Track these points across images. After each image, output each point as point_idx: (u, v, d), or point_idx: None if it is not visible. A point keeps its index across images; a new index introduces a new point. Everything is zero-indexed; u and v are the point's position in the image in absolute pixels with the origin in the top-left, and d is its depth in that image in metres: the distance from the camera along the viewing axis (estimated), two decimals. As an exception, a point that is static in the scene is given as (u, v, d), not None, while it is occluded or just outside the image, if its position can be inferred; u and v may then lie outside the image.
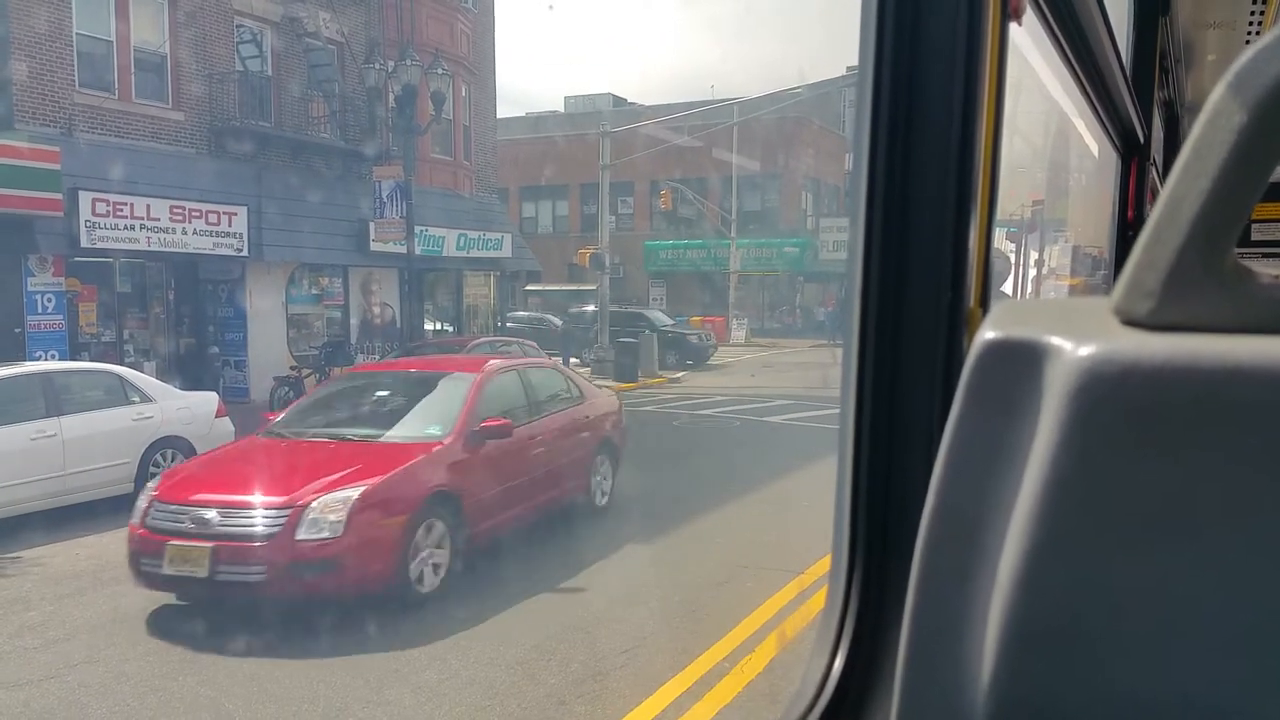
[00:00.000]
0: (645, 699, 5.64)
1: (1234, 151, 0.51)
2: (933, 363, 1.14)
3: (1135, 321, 0.56)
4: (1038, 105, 3.00)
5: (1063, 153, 4.75)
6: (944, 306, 1.13)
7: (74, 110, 16.65)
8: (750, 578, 7.91)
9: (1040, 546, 0.55)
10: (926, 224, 1.13)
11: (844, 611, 1.14)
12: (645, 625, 6.88)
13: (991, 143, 1.16)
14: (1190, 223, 0.53)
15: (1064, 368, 0.54)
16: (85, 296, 17.13)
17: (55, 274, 16.15)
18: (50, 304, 16.09)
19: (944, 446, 0.60)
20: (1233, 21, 3.73)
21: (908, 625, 0.62)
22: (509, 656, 6.30)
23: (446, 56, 21.81)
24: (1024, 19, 1.27)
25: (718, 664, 6.10)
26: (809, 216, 41.45)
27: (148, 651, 6.59)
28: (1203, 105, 0.52)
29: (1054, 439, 0.54)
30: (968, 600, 0.59)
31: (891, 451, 1.15)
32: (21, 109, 15.80)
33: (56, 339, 16.08)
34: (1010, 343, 0.58)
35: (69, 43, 16.60)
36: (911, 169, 1.13)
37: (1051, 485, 0.54)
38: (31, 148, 15.00)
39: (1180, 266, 0.54)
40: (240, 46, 19.81)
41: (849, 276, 1.19)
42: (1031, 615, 0.56)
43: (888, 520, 1.14)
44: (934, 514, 0.60)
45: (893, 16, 1.11)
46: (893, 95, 1.12)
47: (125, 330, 18.11)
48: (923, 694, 0.62)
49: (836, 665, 1.11)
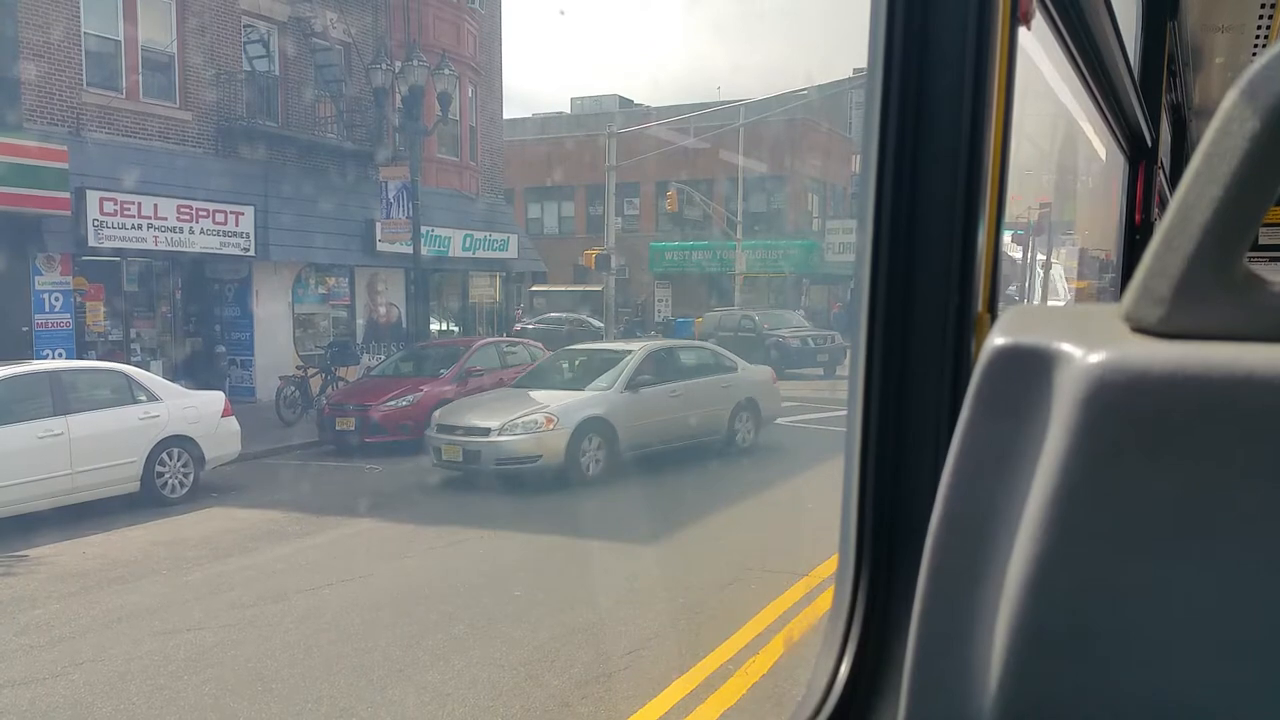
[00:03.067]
0: (649, 701, 5.64)
1: (1246, 159, 0.50)
2: (940, 367, 1.14)
3: (1145, 329, 0.56)
4: (1046, 109, 3.00)
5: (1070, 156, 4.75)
6: (952, 311, 1.13)
7: (82, 110, 16.71)
8: (756, 579, 7.90)
9: (1049, 552, 0.55)
10: (935, 228, 1.13)
11: (851, 614, 1.14)
12: (650, 626, 6.88)
13: (1000, 146, 1.16)
14: (1202, 230, 0.52)
15: (1074, 374, 0.54)
16: (92, 295, 17.18)
17: (63, 273, 16.20)
18: (58, 303, 16.14)
19: (953, 451, 0.60)
20: (1241, 25, 3.72)
21: (915, 629, 0.62)
22: (513, 657, 6.30)
23: (453, 57, 21.83)
24: (1033, 23, 1.27)
25: (722, 666, 6.09)
26: (815, 218, 41.40)
27: (153, 650, 6.60)
28: (1211, 109, 0.52)
29: (1063, 445, 0.54)
30: (976, 604, 0.60)
31: (899, 455, 1.15)
32: (30, 108, 15.85)
33: (64, 338, 16.13)
34: (1020, 349, 0.58)
35: (77, 42, 16.65)
36: (920, 172, 1.13)
37: (1060, 491, 0.54)
38: (40, 147, 15.06)
39: (1191, 274, 0.54)
40: (248, 46, 19.85)
41: (857, 280, 1.19)
42: (1039, 620, 0.56)
43: (895, 523, 1.14)
44: (942, 518, 0.61)
45: (901, 19, 1.11)
46: (901, 98, 1.12)
47: (132, 329, 18.15)
48: (930, 698, 0.62)
49: (843, 669, 1.11)
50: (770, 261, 38.64)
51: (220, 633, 6.95)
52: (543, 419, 11.88)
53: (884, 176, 1.13)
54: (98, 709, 5.72)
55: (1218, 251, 0.53)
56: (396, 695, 5.83)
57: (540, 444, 11.72)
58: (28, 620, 7.20)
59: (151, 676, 6.17)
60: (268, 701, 5.77)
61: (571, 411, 12.09)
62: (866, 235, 1.15)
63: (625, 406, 12.61)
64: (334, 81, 20.97)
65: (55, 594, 7.81)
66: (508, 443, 11.70)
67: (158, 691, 5.95)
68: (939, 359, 1.14)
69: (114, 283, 17.73)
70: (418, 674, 6.09)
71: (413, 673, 6.11)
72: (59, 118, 16.34)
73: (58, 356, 15.09)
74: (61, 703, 5.80)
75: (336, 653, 6.52)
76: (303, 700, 5.79)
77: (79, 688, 5.99)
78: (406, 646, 6.55)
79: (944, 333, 1.13)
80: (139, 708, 5.73)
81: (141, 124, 17.73)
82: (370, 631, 6.92)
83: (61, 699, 5.85)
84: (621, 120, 33.33)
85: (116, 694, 5.90)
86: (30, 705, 5.78)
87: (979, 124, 1.11)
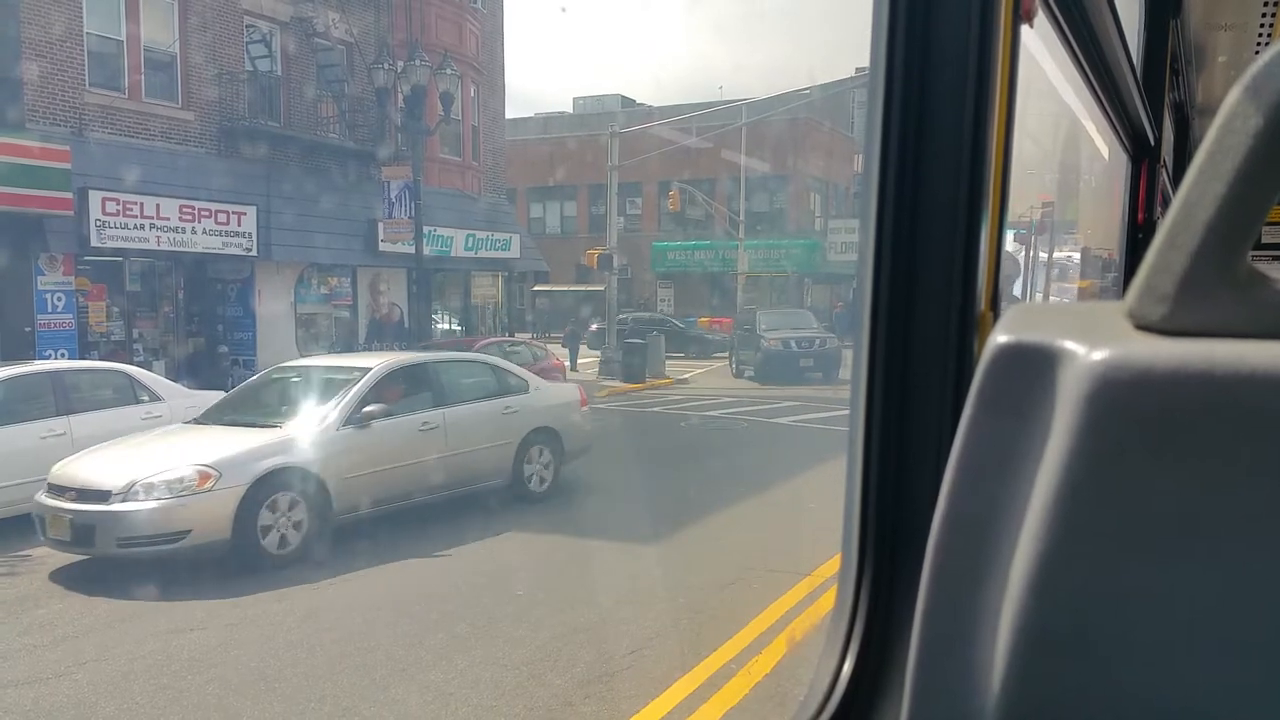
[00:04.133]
0: (652, 700, 5.64)
1: (1249, 156, 0.50)
2: (943, 365, 1.13)
3: (1149, 326, 0.55)
4: (1049, 107, 3.00)
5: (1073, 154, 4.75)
6: (954, 309, 1.12)
7: (84, 110, 16.73)
8: (758, 579, 7.90)
9: (1052, 551, 0.55)
10: (937, 226, 1.13)
11: (853, 614, 1.14)
12: (652, 626, 6.88)
13: (1003, 145, 1.16)
14: (1205, 227, 0.52)
15: (1077, 372, 0.54)
16: (95, 295, 17.21)
17: (65, 273, 16.23)
18: (60, 303, 16.16)
19: (955, 450, 0.60)
20: (1244, 24, 3.72)
21: (918, 629, 0.62)
22: (515, 657, 6.30)
23: (456, 57, 21.84)
24: (1035, 21, 1.26)
25: (725, 665, 6.09)
26: (817, 218, 41.43)
27: (156, 650, 6.61)
28: (1214, 107, 0.52)
29: (1066, 444, 0.53)
30: (978, 605, 0.59)
31: (901, 454, 1.15)
32: (32, 108, 15.88)
33: (66, 338, 16.15)
34: (1022, 347, 0.57)
35: (79, 42, 16.68)
36: (922, 171, 1.12)
37: (1064, 490, 0.54)
38: (42, 147, 15.08)
39: (1195, 271, 0.53)
40: (250, 46, 19.88)
41: (859, 279, 1.19)
42: (1042, 620, 0.56)
43: (898, 523, 1.14)
44: (945, 517, 0.60)
45: (904, 18, 1.11)
46: (904, 97, 1.12)
47: (135, 329, 18.17)
48: (933, 698, 0.62)
49: (846, 668, 1.11)
50: (773, 261, 38.66)
51: (223, 633, 6.96)
52: (195, 475, 8.20)
53: (886, 175, 1.13)
54: (101, 708, 5.72)
55: (1221, 249, 0.52)
56: (400, 695, 5.83)
57: (190, 513, 8.10)
58: (31, 620, 7.21)
59: (154, 676, 6.17)
60: (271, 701, 5.77)
61: (247, 462, 8.47)
62: (869, 234, 1.15)
63: (344, 450, 9.19)
64: (336, 81, 20.98)
65: (58, 594, 7.83)
66: (135, 514, 7.99)
67: (160, 691, 5.96)
68: (941, 358, 1.14)
69: (116, 283, 17.75)
70: (420, 674, 6.09)
71: (415, 672, 6.11)
72: (61, 118, 16.37)
73: (60, 356, 15.10)
74: (65, 702, 5.81)
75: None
76: (306, 700, 5.79)
77: (82, 687, 6.00)
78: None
79: (946, 331, 1.13)
80: (142, 707, 5.74)
81: (144, 124, 17.75)
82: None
83: (65, 698, 5.86)
84: (624, 120, 33.34)
85: (119, 693, 5.91)
86: (34, 704, 5.78)
87: (981, 122, 1.11)
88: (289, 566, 8.33)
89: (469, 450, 10.32)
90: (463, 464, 10.24)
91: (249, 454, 8.62)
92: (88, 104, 16.78)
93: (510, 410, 10.93)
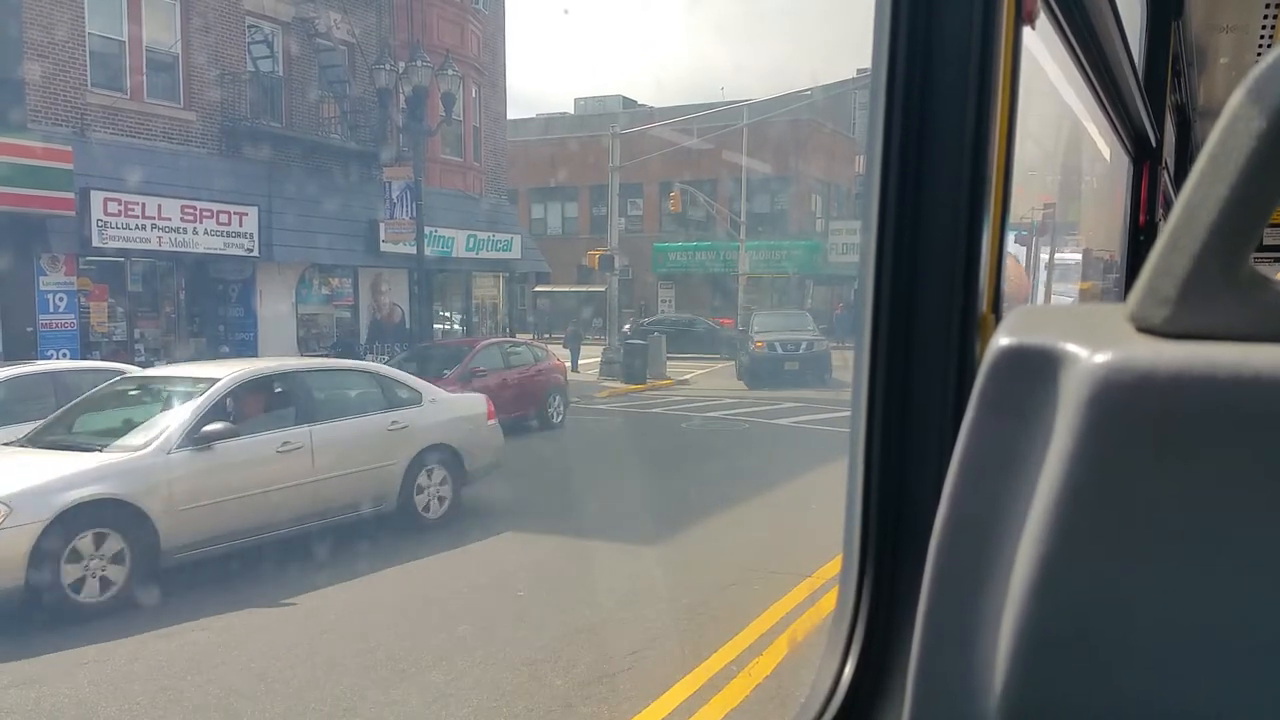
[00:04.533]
0: (653, 701, 5.63)
1: (1252, 158, 0.50)
2: (945, 367, 1.13)
3: (1151, 329, 0.55)
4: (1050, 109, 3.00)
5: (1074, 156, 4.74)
6: (956, 311, 1.12)
7: (86, 110, 16.75)
8: (759, 580, 7.90)
9: (1054, 553, 0.55)
10: (939, 228, 1.13)
11: (855, 616, 1.14)
12: (653, 627, 6.87)
13: (1005, 146, 1.16)
14: (1208, 229, 0.52)
15: (1079, 375, 0.54)
16: (96, 296, 17.22)
17: (67, 273, 16.24)
18: (62, 303, 16.18)
19: (957, 452, 0.60)
20: (1246, 25, 3.71)
21: (920, 630, 0.62)
22: (516, 658, 6.30)
23: (457, 58, 21.86)
24: (1037, 23, 1.26)
25: (726, 666, 6.09)
26: (819, 219, 41.42)
27: (157, 650, 6.61)
28: (1216, 110, 0.52)
29: (1068, 446, 0.53)
30: (980, 606, 0.59)
31: (903, 455, 1.15)
32: (35, 109, 15.90)
33: (68, 338, 16.17)
34: (1024, 349, 0.57)
35: (81, 43, 16.70)
36: (924, 173, 1.12)
37: (1065, 493, 0.54)
38: (44, 147, 15.09)
39: (1197, 273, 0.53)
40: (252, 47, 19.89)
41: (861, 280, 1.19)
42: (1044, 622, 0.56)
43: (899, 525, 1.14)
44: (947, 519, 0.60)
45: (906, 19, 1.11)
46: (906, 98, 1.12)
47: (136, 329, 18.19)
48: (934, 700, 0.62)
49: (847, 670, 1.11)
50: (774, 262, 38.66)
51: (222, 634, 6.95)
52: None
53: (888, 177, 1.13)
54: (102, 709, 5.72)
55: (1224, 251, 0.52)
56: (400, 695, 5.83)
57: None
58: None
59: (155, 677, 6.17)
60: (272, 702, 5.77)
61: (48, 494, 7.10)
62: (870, 236, 1.15)
63: (177, 477, 7.83)
64: (338, 82, 20.99)
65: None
66: None
67: (161, 692, 5.96)
68: (943, 360, 1.14)
69: (118, 283, 17.77)
70: (420, 675, 6.08)
71: (415, 673, 6.10)
72: (63, 118, 16.38)
73: (62, 357, 15.12)
74: (66, 703, 5.81)
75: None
76: (307, 700, 5.78)
77: (83, 687, 6.00)
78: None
79: (948, 333, 1.13)
80: (143, 707, 5.74)
81: (146, 124, 17.77)
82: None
83: (66, 699, 5.85)
84: (625, 121, 33.37)
85: (120, 694, 5.91)
86: (35, 705, 5.78)
87: (983, 124, 1.11)
88: (102, 617, 7.10)
89: (342, 474, 9.02)
90: (335, 489, 8.94)
91: (54, 484, 7.21)
92: (90, 104, 16.80)
93: (398, 426, 9.69)
